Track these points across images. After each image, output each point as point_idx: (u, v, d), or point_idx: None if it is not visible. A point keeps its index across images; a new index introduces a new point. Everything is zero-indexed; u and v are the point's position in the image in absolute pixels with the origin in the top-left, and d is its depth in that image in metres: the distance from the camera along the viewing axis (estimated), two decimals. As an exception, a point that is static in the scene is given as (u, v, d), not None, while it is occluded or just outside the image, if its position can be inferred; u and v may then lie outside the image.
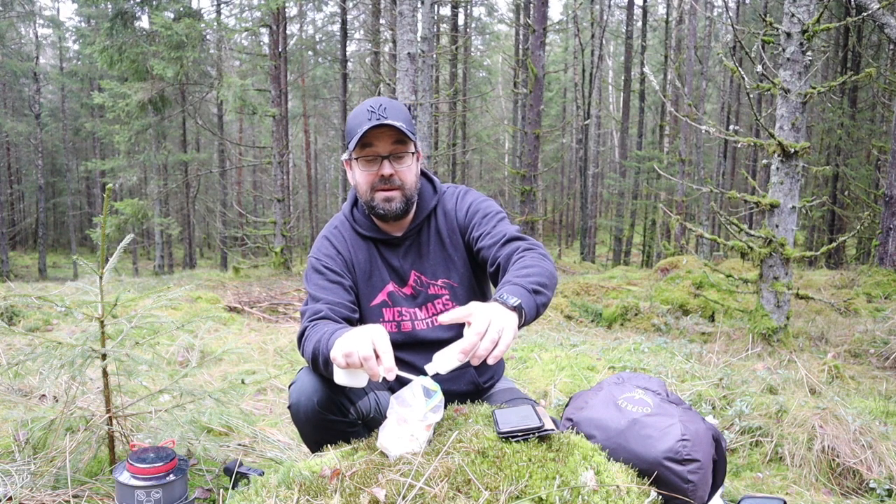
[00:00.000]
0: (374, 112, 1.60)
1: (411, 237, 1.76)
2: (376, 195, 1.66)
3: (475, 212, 1.73)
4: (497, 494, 1.21)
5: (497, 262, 1.59)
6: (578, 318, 6.59)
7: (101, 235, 1.86)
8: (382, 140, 1.61)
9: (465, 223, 1.74)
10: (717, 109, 21.35)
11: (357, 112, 1.65)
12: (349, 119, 1.67)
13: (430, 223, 1.77)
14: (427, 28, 8.61)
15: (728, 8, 7.45)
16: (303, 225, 24.62)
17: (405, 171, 1.66)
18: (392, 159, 1.64)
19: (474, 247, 1.71)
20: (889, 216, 7.97)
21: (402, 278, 1.75)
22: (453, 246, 1.76)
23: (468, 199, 1.77)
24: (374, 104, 1.62)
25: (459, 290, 1.75)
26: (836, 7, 12.45)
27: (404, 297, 1.75)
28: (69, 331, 4.64)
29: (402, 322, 1.74)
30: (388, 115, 1.60)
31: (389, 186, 1.64)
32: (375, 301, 1.74)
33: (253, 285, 9.17)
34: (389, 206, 1.66)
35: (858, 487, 2.35)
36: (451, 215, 1.76)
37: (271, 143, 12.82)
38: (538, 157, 13.03)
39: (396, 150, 1.63)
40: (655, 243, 19.61)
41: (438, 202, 1.79)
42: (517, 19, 19.98)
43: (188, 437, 1.94)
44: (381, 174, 1.63)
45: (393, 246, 1.76)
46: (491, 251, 1.62)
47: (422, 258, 1.76)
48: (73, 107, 26.28)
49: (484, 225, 1.69)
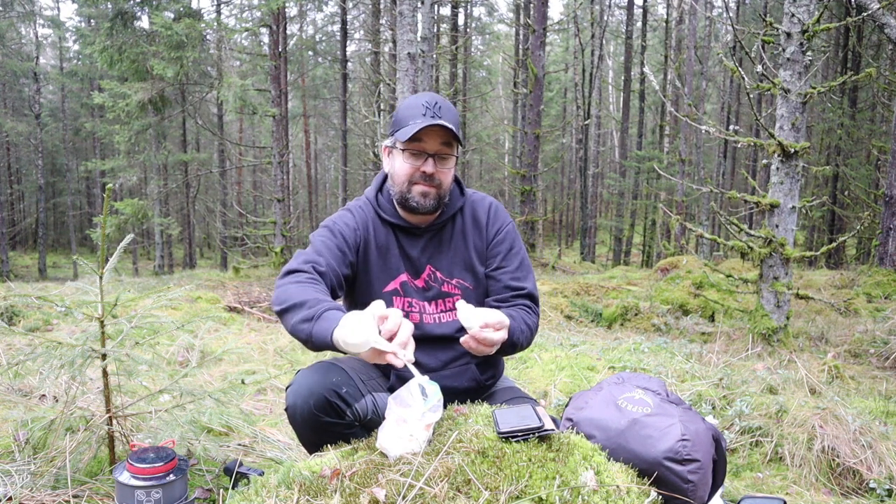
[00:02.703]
0: (430, 109, 1.64)
1: (433, 231, 1.78)
2: (413, 188, 1.69)
3: (504, 238, 1.81)
4: (497, 494, 1.21)
5: (502, 306, 1.73)
6: (578, 318, 6.59)
7: (101, 235, 1.86)
8: (432, 138, 1.66)
9: (492, 240, 1.81)
10: (717, 109, 21.35)
11: (412, 104, 1.68)
12: (401, 108, 1.71)
13: (455, 222, 1.81)
14: (427, 28, 8.61)
15: (728, 8, 7.45)
16: (303, 225, 24.60)
17: (446, 172, 1.71)
18: (437, 158, 1.68)
19: (489, 269, 1.80)
20: (889, 216, 7.97)
21: (417, 270, 1.76)
22: (477, 252, 1.80)
23: (501, 218, 1.84)
24: (430, 101, 1.66)
25: (472, 293, 1.78)
26: (836, 7, 12.45)
27: (416, 290, 1.76)
28: (69, 331, 4.64)
29: (410, 313, 1.74)
30: (443, 116, 1.65)
31: (429, 184, 1.68)
32: (388, 288, 1.74)
33: (253, 285, 9.17)
34: (424, 201, 1.69)
35: (858, 487, 2.35)
36: (482, 224, 1.82)
37: (271, 143, 12.82)
38: (538, 157, 13.04)
39: (443, 150, 1.68)
40: (655, 243, 19.61)
41: (465, 204, 1.83)
42: (517, 19, 19.98)
43: (188, 437, 1.94)
44: (424, 170, 1.67)
45: (413, 236, 1.77)
46: (505, 292, 1.76)
47: (441, 254, 1.78)
48: (73, 107, 26.29)
49: (509, 259, 1.79)
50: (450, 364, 1.75)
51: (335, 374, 1.57)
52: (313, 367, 1.61)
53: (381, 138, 10.96)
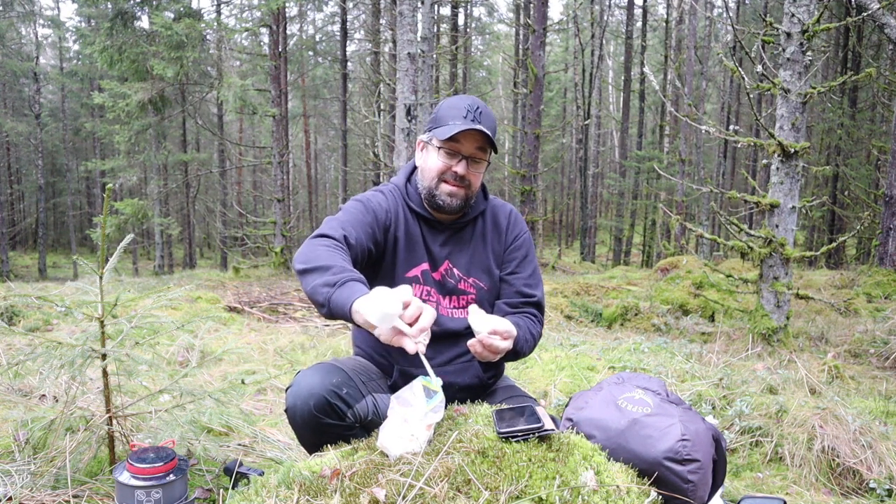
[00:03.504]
0: (471, 112, 1.68)
1: (455, 229, 1.81)
2: (442, 186, 1.72)
3: (521, 245, 1.87)
4: (497, 494, 1.21)
5: (509, 310, 1.78)
6: (578, 318, 6.59)
7: (101, 235, 1.86)
8: (470, 141, 1.69)
9: (510, 245, 1.87)
10: (717, 109, 21.36)
11: (454, 103, 1.71)
12: (444, 106, 1.73)
13: (477, 224, 1.84)
14: (427, 28, 8.62)
15: (728, 8, 7.45)
16: (303, 225, 24.61)
17: (476, 175, 1.74)
18: (470, 161, 1.71)
19: (504, 273, 1.85)
20: (889, 216, 7.97)
21: (436, 263, 1.79)
22: (495, 255, 1.84)
23: (520, 226, 1.90)
24: (472, 104, 1.69)
25: (486, 294, 1.81)
26: (836, 7, 12.45)
27: (433, 281, 1.78)
28: (69, 331, 4.64)
29: (427, 301, 1.75)
30: (483, 122, 1.68)
31: (458, 184, 1.71)
32: (410, 273, 1.76)
33: (253, 285, 9.17)
34: (451, 200, 1.72)
35: (858, 487, 2.35)
36: (502, 229, 1.87)
37: (271, 143, 12.82)
38: (538, 157, 13.04)
39: (477, 155, 1.71)
40: (655, 243, 19.61)
41: (488, 208, 1.87)
42: (517, 19, 19.99)
43: (188, 437, 1.94)
44: (456, 171, 1.70)
45: (436, 230, 1.80)
46: (516, 298, 1.81)
47: (460, 252, 1.81)
48: (73, 107, 26.29)
49: (523, 266, 1.85)
50: (455, 360, 1.77)
51: (335, 376, 1.56)
52: (313, 367, 1.61)
53: (381, 138, 10.96)
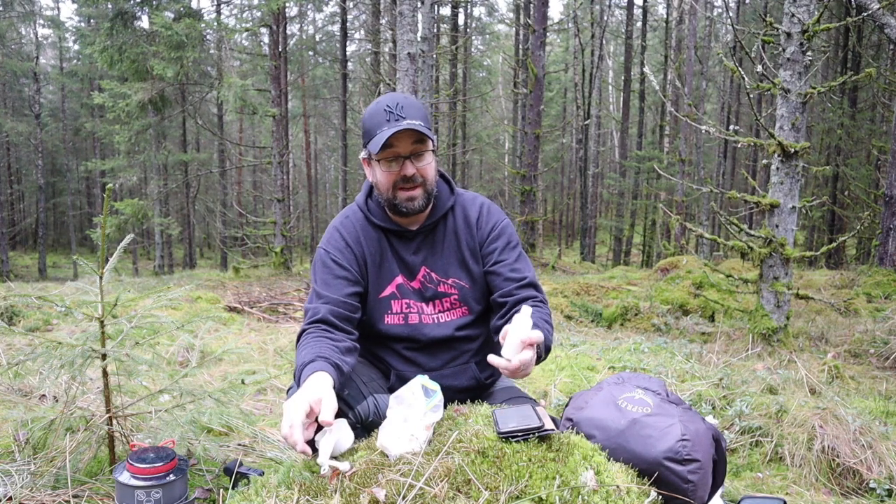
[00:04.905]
0: (392, 112, 1.61)
1: (425, 232, 1.77)
2: (399, 194, 1.68)
3: (500, 234, 1.79)
4: (497, 494, 1.21)
5: (508, 299, 1.69)
6: (578, 318, 6.59)
7: (101, 235, 1.86)
8: (402, 141, 1.63)
9: (487, 238, 1.79)
10: (717, 109, 21.34)
11: (374, 111, 1.65)
12: (366, 118, 1.68)
13: (447, 222, 1.79)
14: (427, 28, 8.62)
15: (728, 8, 7.45)
16: (303, 225, 24.61)
17: (426, 167, 1.68)
18: (413, 158, 1.66)
19: (488, 265, 1.77)
20: (889, 216, 7.97)
21: (412, 272, 1.76)
22: (470, 250, 1.78)
23: (494, 216, 1.82)
24: (392, 103, 1.63)
25: (469, 292, 1.77)
26: (836, 7, 12.45)
27: (412, 291, 1.76)
28: (69, 331, 4.64)
29: (409, 314, 1.74)
30: (406, 115, 1.62)
31: (412, 185, 1.67)
32: (385, 293, 1.75)
33: (253, 285, 9.17)
34: (412, 204, 1.69)
35: (858, 487, 2.35)
36: (473, 223, 1.80)
37: (271, 143, 12.82)
38: (538, 157, 13.04)
39: (416, 149, 1.65)
40: (655, 243, 19.61)
41: (456, 203, 1.81)
42: (517, 19, 19.99)
43: (188, 437, 1.94)
44: (404, 174, 1.65)
45: (406, 239, 1.77)
46: (507, 285, 1.71)
47: (434, 255, 1.77)
48: (73, 107, 26.29)
49: (506, 253, 1.76)
50: (450, 363, 1.75)
51: None
52: None
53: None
